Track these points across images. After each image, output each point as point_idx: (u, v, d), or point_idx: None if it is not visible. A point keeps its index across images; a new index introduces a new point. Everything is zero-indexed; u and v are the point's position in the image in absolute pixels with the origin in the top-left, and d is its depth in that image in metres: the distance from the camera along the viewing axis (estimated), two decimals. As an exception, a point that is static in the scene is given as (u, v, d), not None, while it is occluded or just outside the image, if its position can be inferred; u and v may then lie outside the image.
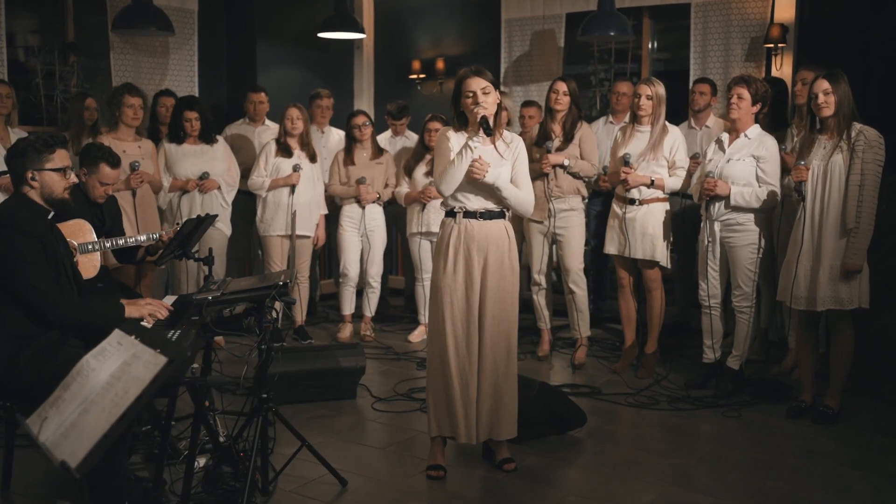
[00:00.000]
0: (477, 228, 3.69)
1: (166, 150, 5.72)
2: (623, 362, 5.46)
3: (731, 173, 4.74)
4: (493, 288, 3.68)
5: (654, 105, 5.12)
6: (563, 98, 5.43)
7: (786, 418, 4.51)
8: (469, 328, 3.69)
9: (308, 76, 7.61)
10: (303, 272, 6.12)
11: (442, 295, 3.69)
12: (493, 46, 7.39)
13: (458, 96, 3.70)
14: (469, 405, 3.69)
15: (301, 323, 6.23)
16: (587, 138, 5.49)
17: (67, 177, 3.29)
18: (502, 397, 3.72)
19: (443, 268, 3.71)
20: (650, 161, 5.15)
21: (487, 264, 3.68)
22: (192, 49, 6.91)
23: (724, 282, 4.96)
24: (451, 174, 3.60)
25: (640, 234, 5.18)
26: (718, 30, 6.25)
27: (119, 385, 2.04)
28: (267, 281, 3.33)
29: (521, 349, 5.92)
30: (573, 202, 5.52)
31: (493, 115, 3.67)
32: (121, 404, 1.96)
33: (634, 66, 7.04)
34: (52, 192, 3.25)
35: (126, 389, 2.00)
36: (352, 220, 6.12)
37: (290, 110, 5.90)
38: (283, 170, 5.88)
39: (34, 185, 3.23)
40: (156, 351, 2.05)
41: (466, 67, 3.73)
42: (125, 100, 5.27)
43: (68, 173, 3.29)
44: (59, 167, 3.25)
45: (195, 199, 5.73)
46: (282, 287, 3.19)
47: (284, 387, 4.66)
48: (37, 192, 3.24)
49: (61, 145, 3.26)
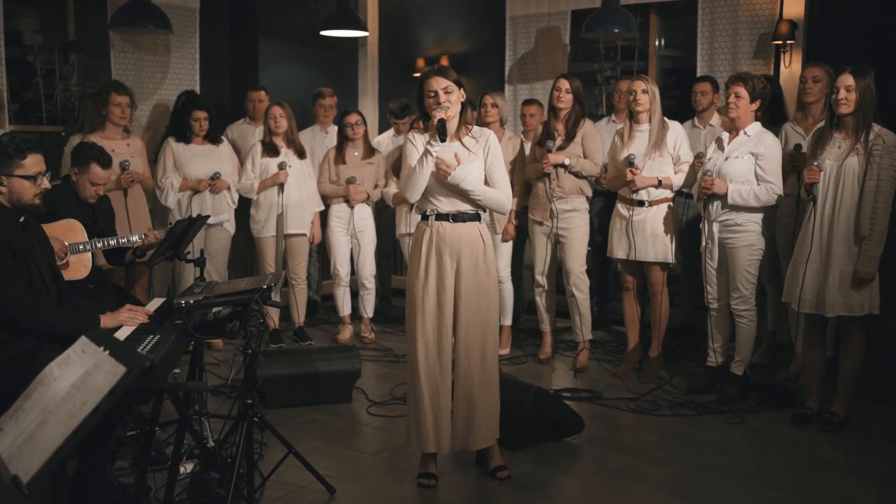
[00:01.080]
0: (449, 231, 3.59)
1: (174, 149, 5.67)
2: (625, 366, 5.35)
3: (729, 171, 4.63)
4: (467, 292, 3.59)
5: (650, 100, 5.01)
6: (566, 96, 5.32)
7: (791, 425, 4.39)
8: (441, 334, 3.59)
9: (311, 75, 7.54)
10: (299, 273, 6.04)
11: (414, 300, 3.60)
12: (498, 44, 7.29)
13: (421, 96, 3.60)
14: (439, 413, 3.60)
15: (300, 324, 6.15)
16: (590, 136, 5.38)
17: (38, 183, 3.20)
18: (476, 405, 3.62)
19: (415, 272, 3.62)
20: (655, 159, 5.04)
21: (460, 268, 3.58)
22: (193, 47, 6.84)
23: (726, 284, 4.83)
24: (413, 180, 3.51)
25: (651, 236, 5.07)
26: (726, 26, 6.12)
27: (78, 396, 1.96)
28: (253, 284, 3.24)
29: (524, 351, 5.85)
30: (576, 202, 5.41)
31: (459, 114, 3.58)
32: (77, 416, 1.88)
33: (641, 64, 6.92)
34: (21, 198, 3.17)
35: (84, 400, 1.92)
36: (340, 220, 6.04)
37: (273, 109, 5.83)
38: (271, 170, 5.80)
39: (2, 189, 3.15)
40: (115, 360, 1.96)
41: (429, 67, 3.65)
42: (112, 98, 5.21)
43: (40, 180, 3.20)
44: (30, 174, 3.15)
45: (206, 199, 5.68)
46: (266, 291, 3.10)
47: (278, 390, 4.60)
48: (5, 197, 3.17)
49: (34, 150, 3.17)
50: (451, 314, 3.60)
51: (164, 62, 6.65)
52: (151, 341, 2.83)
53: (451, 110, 3.51)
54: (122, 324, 3.24)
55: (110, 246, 4.35)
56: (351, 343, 6.08)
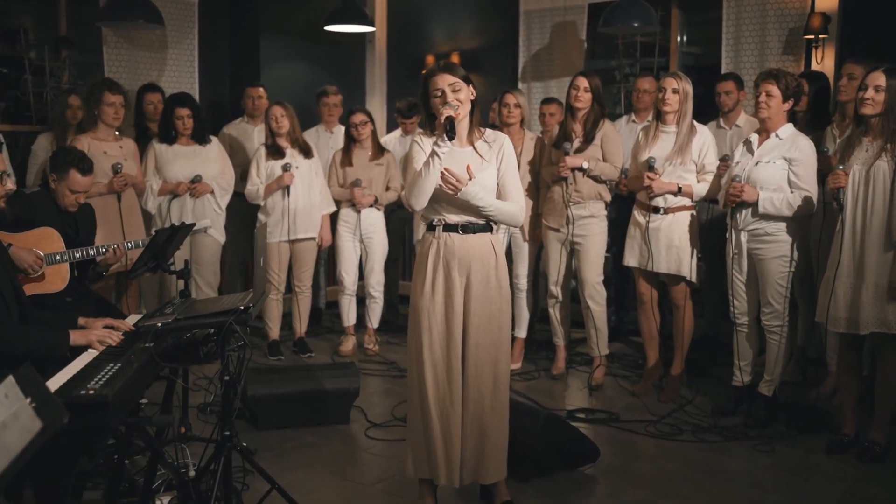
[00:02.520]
0: (458, 244, 3.25)
1: (156, 150, 5.36)
2: (644, 384, 4.99)
3: (759, 177, 4.27)
4: (478, 311, 3.25)
5: (680, 100, 4.65)
6: (585, 95, 4.97)
7: (826, 454, 4.02)
8: (450, 356, 3.25)
9: (315, 72, 7.22)
10: (304, 280, 5.73)
11: (420, 319, 3.27)
12: (511, 40, 6.95)
13: (426, 96, 3.27)
14: (450, 443, 3.25)
15: (301, 335, 5.84)
16: (610, 138, 5.03)
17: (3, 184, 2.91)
18: (488, 435, 3.27)
19: (420, 288, 3.28)
20: (677, 165, 4.68)
21: (470, 284, 3.25)
22: (191, 43, 6.54)
23: (755, 297, 4.48)
24: (419, 186, 3.16)
25: (665, 246, 4.72)
26: (753, 20, 5.75)
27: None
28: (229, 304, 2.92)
29: (537, 366, 5.51)
30: (594, 208, 5.06)
31: (470, 115, 3.25)
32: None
33: (662, 61, 6.55)
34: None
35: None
36: (347, 225, 5.72)
37: (273, 109, 5.52)
38: (277, 173, 5.50)
39: None
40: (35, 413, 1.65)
41: (434, 63, 3.30)
42: (105, 97, 4.89)
43: (4, 180, 2.91)
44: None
45: (186, 203, 5.37)
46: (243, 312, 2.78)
47: (270, 410, 4.29)
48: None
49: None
50: (461, 334, 3.27)
51: (161, 59, 6.36)
52: (110, 371, 2.52)
53: (460, 109, 3.18)
54: (90, 344, 2.94)
55: (89, 256, 4.05)
56: (353, 355, 5.78)
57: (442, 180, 3.13)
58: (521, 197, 3.32)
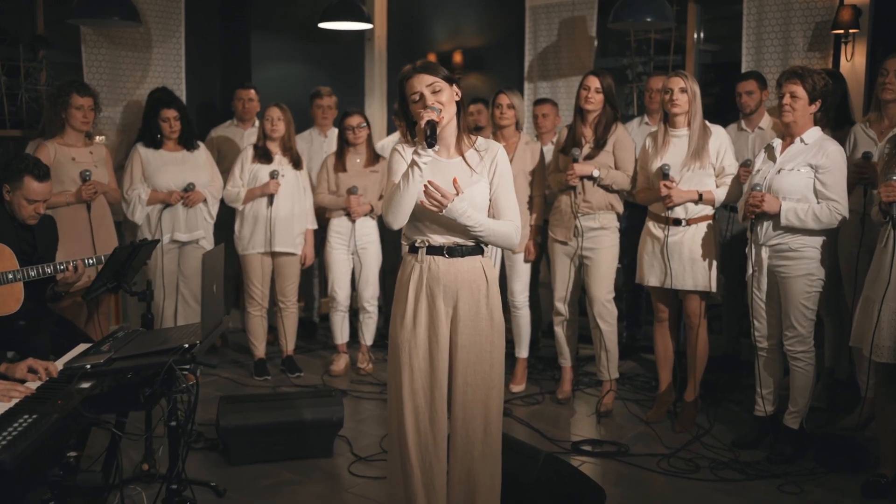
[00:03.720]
0: (444, 269, 2.85)
1: (142, 156, 5.01)
2: (657, 410, 4.58)
3: (782, 186, 3.86)
4: (466, 345, 2.86)
5: (689, 100, 4.24)
6: (596, 96, 4.56)
7: (862, 497, 3.60)
8: (433, 398, 2.86)
9: (311, 72, 6.84)
10: (288, 295, 5.37)
11: (399, 354, 2.87)
12: (517, 37, 6.54)
13: (404, 101, 2.88)
14: (433, 494, 2.86)
15: (289, 353, 5.47)
16: (623, 144, 4.62)
17: None
18: (477, 486, 2.87)
19: (400, 319, 2.89)
20: (695, 170, 4.27)
21: (458, 315, 2.86)
22: (178, 42, 6.18)
23: (777, 319, 4.06)
24: (396, 201, 2.77)
25: (689, 260, 4.31)
26: (776, 15, 5.32)
27: None
28: (175, 340, 2.54)
29: (541, 387, 5.11)
30: (605, 219, 4.65)
31: (456, 119, 2.86)
32: None
33: (678, 59, 6.13)
34: None
35: None
36: (340, 236, 5.33)
37: (271, 110, 5.15)
38: (261, 178, 5.14)
39: None
40: None
41: (410, 64, 2.90)
42: (73, 100, 4.53)
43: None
44: None
45: (178, 213, 5.02)
46: (187, 351, 2.40)
47: (244, 443, 3.92)
48: None
49: None
50: (447, 373, 2.88)
51: (145, 59, 5.99)
52: (20, 427, 2.13)
53: (443, 112, 2.78)
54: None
55: (46, 274, 3.68)
56: (345, 375, 5.41)
57: (425, 195, 2.74)
58: (516, 215, 2.92)
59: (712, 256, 4.30)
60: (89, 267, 3.82)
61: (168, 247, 5.00)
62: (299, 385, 5.20)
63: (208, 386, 5.17)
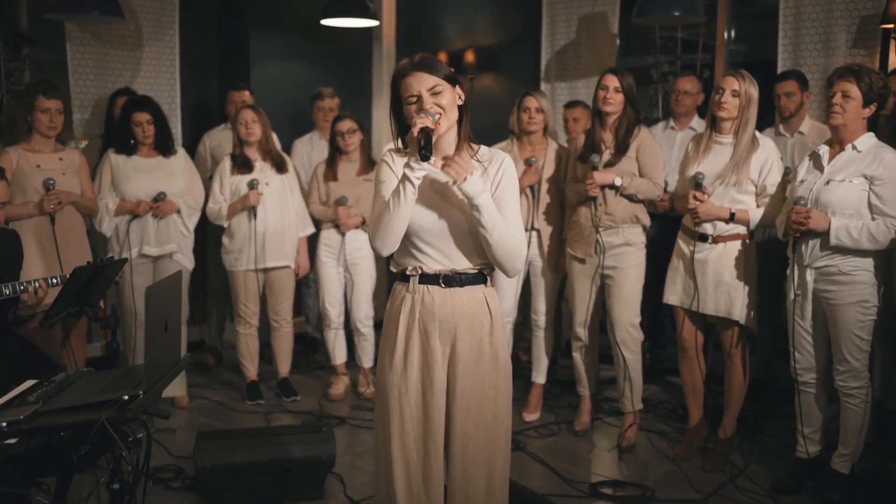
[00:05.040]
0: (440, 300, 2.44)
1: (112, 163, 4.61)
2: (686, 447, 4.13)
3: (830, 200, 3.41)
4: (466, 390, 2.44)
5: (741, 105, 3.78)
6: (615, 96, 4.13)
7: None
8: (427, 452, 2.45)
9: (314, 72, 6.44)
10: (281, 313, 4.98)
11: (388, 400, 2.47)
12: (533, 35, 6.10)
13: (397, 103, 2.46)
14: None
15: (284, 375, 5.07)
16: (648, 148, 4.18)
17: None
18: None
19: (389, 360, 2.48)
20: (730, 185, 3.81)
21: (456, 355, 2.45)
22: (172, 40, 5.78)
23: (824, 350, 3.61)
24: (385, 223, 2.35)
25: (714, 282, 3.86)
26: (817, 10, 4.85)
27: None
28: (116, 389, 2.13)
29: (558, 416, 4.68)
30: (629, 234, 4.22)
31: (457, 125, 2.45)
32: None
33: (706, 58, 5.67)
34: None
35: None
36: (330, 249, 4.92)
37: (243, 113, 4.79)
38: (243, 190, 4.75)
39: None
40: None
41: (406, 59, 2.48)
42: (39, 102, 4.13)
43: None
44: None
45: (148, 225, 4.61)
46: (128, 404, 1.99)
47: (225, 484, 3.51)
48: None
49: None
50: (443, 423, 2.46)
51: (135, 58, 5.60)
52: None
53: (441, 118, 2.37)
54: None
55: (5, 295, 3.29)
56: (345, 398, 5.00)
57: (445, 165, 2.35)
58: (520, 230, 2.49)
59: (742, 281, 3.84)
60: (53, 287, 3.42)
61: (138, 262, 4.60)
62: (294, 410, 4.80)
63: (196, 411, 4.78)
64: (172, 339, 2.32)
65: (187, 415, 4.72)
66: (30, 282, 3.32)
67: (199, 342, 5.93)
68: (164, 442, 4.22)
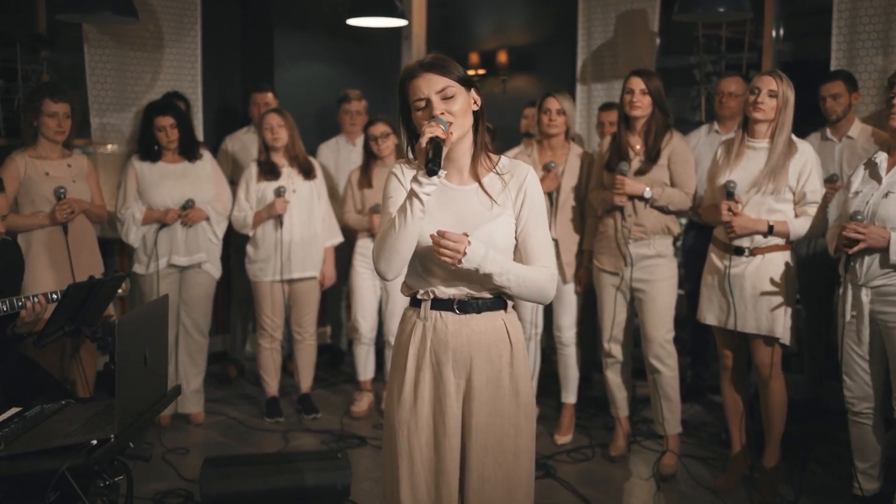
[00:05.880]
0: (454, 329, 2.20)
1: (137, 170, 4.45)
2: (729, 477, 3.83)
3: (890, 213, 3.11)
4: (483, 430, 2.19)
5: (778, 107, 3.48)
6: (643, 99, 3.85)
7: None
8: (440, 496, 2.21)
9: (340, 73, 6.23)
10: (305, 326, 4.77)
11: (396, 439, 2.23)
12: (568, 34, 5.81)
13: (405, 107, 2.21)
14: None
15: (305, 391, 4.86)
16: (680, 156, 3.90)
17: None
18: None
19: (397, 393, 2.25)
20: (766, 193, 3.51)
21: (472, 389, 2.20)
22: (193, 41, 5.58)
23: (881, 378, 3.30)
24: (390, 245, 2.11)
25: (752, 298, 3.56)
26: (874, 4, 4.51)
27: None
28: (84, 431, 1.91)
29: (591, 438, 4.41)
30: (660, 245, 3.94)
31: (473, 133, 2.20)
32: None
33: (752, 57, 5.35)
34: None
35: None
36: (365, 260, 4.69)
37: (269, 117, 4.58)
38: (269, 198, 4.55)
39: None
40: None
41: (415, 60, 2.23)
42: (45, 106, 3.96)
43: None
44: None
45: (177, 234, 4.45)
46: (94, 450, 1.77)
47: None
48: None
49: None
50: (458, 465, 2.22)
51: (156, 59, 5.42)
52: None
53: (453, 126, 2.12)
54: None
55: (2, 312, 3.11)
56: (368, 416, 4.78)
57: (434, 252, 2.09)
58: (551, 259, 2.24)
59: (783, 296, 3.53)
60: (53, 303, 3.23)
61: (165, 272, 4.43)
62: (314, 429, 4.58)
63: (212, 428, 4.59)
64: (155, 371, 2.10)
65: (202, 433, 4.53)
66: (28, 297, 3.15)
67: (221, 353, 5.75)
68: (175, 463, 4.04)
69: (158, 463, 4.06)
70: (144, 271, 4.42)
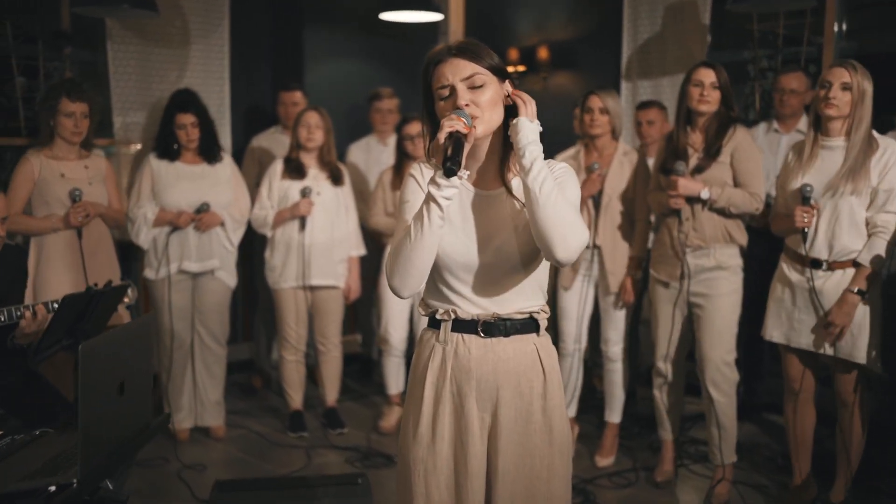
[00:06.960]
0: (478, 354, 1.92)
1: (153, 169, 4.24)
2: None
3: None
4: (511, 471, 1.91)
5: (853, 101, 3.14)
6: (713, 94, 3.51)
7: None
8: None
9: (374, 71, 5.99)
10: (329, 337, 4.52)
11: (411, 478, 1.95)
12: (613, 28, 5.49)
13: (429, 96, 1.93)
14: None
15: (331, 405, 4.61)
16: (745, 153, 3.54)
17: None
18: None
19: (413, 427, 1.96)
20: (845, 196, 3.16)
21: (498, 425, 1.92)
22: (221, 37, 5.38)
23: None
24: (405, 255, 1.83)
25: (829, 317, 3.22)
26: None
27: None
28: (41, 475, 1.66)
29: (635, 461, 4.09)
30: (722, 256, 3.59)
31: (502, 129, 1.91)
32: None
33: (812, 51, 4.97)
34: None
35: None
36: None
37: (308, 115, 4.33)
38: (292, 197, 4.31)
39: None
40: None
41: (443, 44, 1.95)
42: (62, 105, 3.75)
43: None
44: None
45: (189, 238, 4.22)
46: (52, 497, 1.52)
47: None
48: None
49: None
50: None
51: (181, 56, 5.22)
52: None
53: (478, 120, 1.84)
54: None
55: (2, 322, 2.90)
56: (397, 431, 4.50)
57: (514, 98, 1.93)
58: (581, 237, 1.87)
59: (869, 315, 3.18)
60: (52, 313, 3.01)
61: (177, 278, 4.21)
62: (339, 445, 4.33)
63: (233, 443, 4.36)
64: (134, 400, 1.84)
65: (222, 448, 4.30)
66: (27, 306, 2.92)
67: (248, 361, 5.53)
68: (190, 481, 3.81)
69: (173, 480, 3.85)
70: (155, 276, 4.21)
